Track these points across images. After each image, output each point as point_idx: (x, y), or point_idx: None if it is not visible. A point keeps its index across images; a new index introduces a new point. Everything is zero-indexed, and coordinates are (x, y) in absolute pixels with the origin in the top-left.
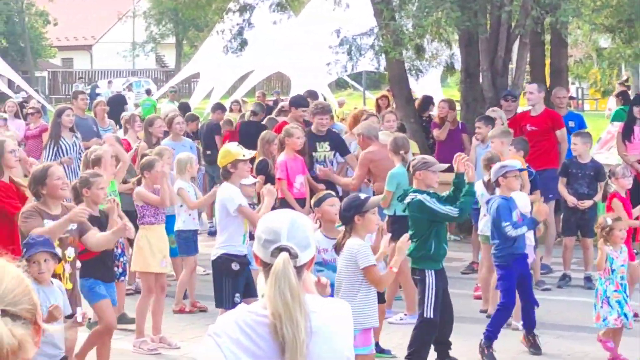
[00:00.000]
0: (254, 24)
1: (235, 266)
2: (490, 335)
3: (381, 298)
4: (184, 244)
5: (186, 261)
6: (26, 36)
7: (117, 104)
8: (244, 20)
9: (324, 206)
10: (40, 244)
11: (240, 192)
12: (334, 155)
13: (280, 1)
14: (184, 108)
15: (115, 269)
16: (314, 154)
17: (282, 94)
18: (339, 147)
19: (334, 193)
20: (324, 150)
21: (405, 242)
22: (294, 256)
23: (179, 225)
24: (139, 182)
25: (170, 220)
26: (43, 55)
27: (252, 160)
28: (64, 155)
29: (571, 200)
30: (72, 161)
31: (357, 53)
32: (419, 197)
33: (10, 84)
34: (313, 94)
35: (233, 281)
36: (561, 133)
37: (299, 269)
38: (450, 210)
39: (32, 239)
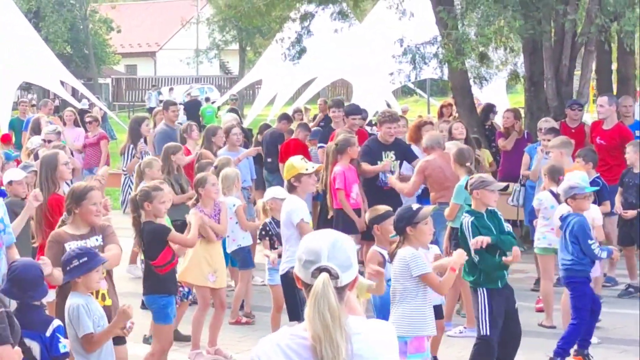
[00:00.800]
0: (317, 30)
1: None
2: (561, 352)
3: (439, 314)
4: (243, 260)
5: (242, 274)
6: (90, 43)
7: (194, 109)
8: (302, 28)
9: (386, 225)
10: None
11: (306, 206)
12: (400, 164)
13: (342, 9)
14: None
15: (181, 288)
16: (379, 162)
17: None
18: (406, 155)
19: (392, 210)
20: (389, 159)
21: (461, 254)
22: (334, 277)
23: (239, 242)
24: (197, 200)
25: None
26: (107, 62)
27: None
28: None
29: (616, 208)
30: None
31: (421, 62)
32: (464, 220)
33: (74, 92)
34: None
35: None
36: None
37: (340, 290)
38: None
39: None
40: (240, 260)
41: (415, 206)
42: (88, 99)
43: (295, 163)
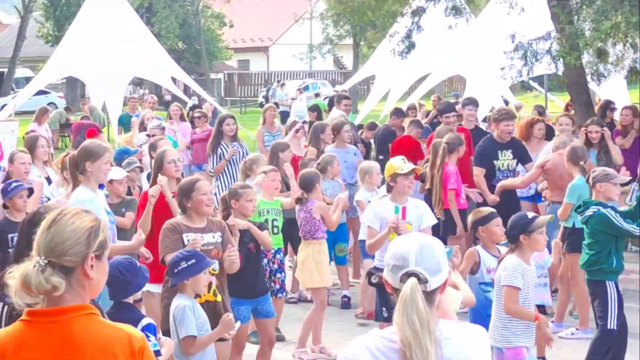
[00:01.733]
0: (431, 25)
1: (374, 279)
2: None
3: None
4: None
5: (365, 265)
6: (202, 39)
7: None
8: (412, 24)
9: (491, 226)
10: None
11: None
12: (517, 164)
13: (455, 5)
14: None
15: (273, 284)
16: (495, 162)
17: (461, 96)
18: (522, 155)
19: (496, 212)
20: (506, 158)
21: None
22: (423, 281)
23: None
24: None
25: (340, 228)
26: (219, 58)
27: None
28: (237, 159)
29: None
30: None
31: (533, 58)
32: (603, 210)
33: (186, 88)
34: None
35: (381, 295)
36: None
37: (429, 295)
38: (633, 229)
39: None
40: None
41: (530, 214)
42: (198, 95)
43: (394, 163)
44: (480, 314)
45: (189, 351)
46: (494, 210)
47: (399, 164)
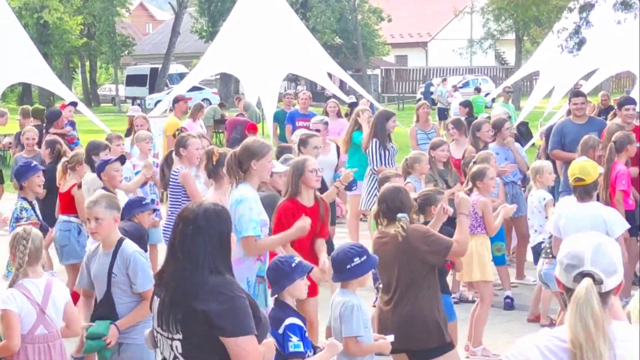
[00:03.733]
0: (599, 20)
1: None
2: None
3: None
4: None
5: None
6: (358, 34)
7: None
8: (581, 19)
9: None
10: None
11: None
12: None
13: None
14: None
15: None
16: None
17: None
18: None
19: None
20: None
21: None
22: (598, 282)
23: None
24: (470, 190)
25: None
26: (376, 53)
27: None
28: (389, 159)
29: None
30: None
31: None
32: None
33: (341, 84)
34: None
35: None
36: None
37: (603, 296)
38: None
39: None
40: None
41: None
42: (354, 92)
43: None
44: None
45: (353, 351)
46: None
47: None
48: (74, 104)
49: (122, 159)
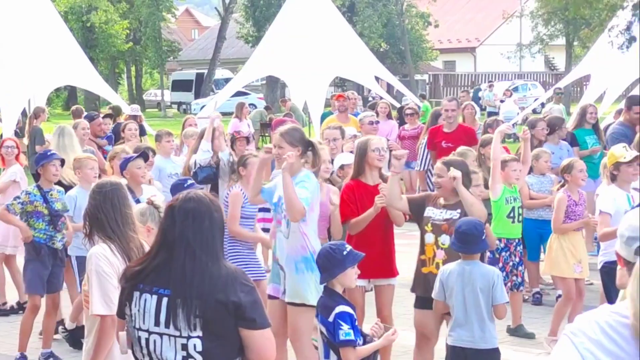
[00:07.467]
0: None
1: None
2: None
3: None
4: None
5: None
6: (406, 39)
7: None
8: (633, 16)
9: None
10: None
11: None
12: None
13: None
14: None
15: (515, 278)
16: None
17: None
18: None
19: None
20: None
21: None
22: None
23: None
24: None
25: (546, 224)
26: (424, 58)
27: None
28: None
29: None
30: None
31: None
32: None
33: (389, 89)
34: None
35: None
36: None
37: None
38: None
39: None
40: None
41: None
42: (402, 95)
43: (616, 151)
44: None
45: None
46: None
47: (620, 152)
48: (134, 117)
49: (145, 156)
